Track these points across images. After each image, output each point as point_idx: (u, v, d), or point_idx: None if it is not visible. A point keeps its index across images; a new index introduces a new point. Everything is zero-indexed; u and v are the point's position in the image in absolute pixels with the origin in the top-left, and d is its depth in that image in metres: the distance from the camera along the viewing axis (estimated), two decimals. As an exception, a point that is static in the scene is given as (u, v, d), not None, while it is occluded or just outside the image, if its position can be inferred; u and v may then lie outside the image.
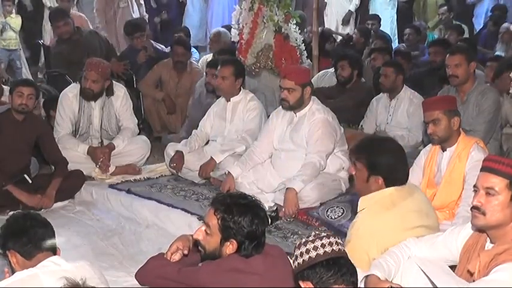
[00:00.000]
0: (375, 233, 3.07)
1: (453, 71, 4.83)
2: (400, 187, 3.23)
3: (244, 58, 6.12)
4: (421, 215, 3.22)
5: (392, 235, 3.07)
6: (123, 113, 5.63)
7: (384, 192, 3.19)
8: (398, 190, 3.22)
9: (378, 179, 3.19)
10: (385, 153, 3.23)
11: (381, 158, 3.20)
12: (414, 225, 3.16)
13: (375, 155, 3.22)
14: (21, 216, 2.90)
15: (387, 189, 3.19)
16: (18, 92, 4.88)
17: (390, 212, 3.13)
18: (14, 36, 8.91)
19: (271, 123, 4.86)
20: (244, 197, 2.90)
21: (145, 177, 5.47)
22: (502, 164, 2.64)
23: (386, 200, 3.16)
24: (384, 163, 3.19)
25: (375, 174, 3.19)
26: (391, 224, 3.11)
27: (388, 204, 3.16)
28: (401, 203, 3.18)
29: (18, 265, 2.74)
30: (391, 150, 3.28)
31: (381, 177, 3.18)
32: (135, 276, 3.09)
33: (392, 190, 3.19)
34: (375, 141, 3.45)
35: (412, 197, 3.23)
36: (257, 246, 2.80)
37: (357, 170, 3.27)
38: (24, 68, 9.21)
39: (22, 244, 2.76)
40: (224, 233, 2.79)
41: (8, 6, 8.79)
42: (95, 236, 4.58)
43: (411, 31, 8.89)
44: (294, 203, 4.42)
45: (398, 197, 3.19)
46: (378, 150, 3.25)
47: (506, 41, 8.74)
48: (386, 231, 3.08)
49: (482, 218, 2.64)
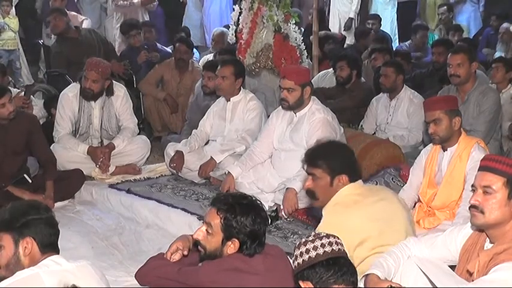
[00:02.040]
0: (340, 232, 2.97)
1: (455, 70, 4.84)
2: (358, 185, 3.27)
3: (243, 58, 6.12)
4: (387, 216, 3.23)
5: (358, 230, 3.09)
6: (123, 113, 5.63)
7: (342, 192, 3.21)
8: (357, 188, 3.25)
9: (342, 177, 3.22)
10: (337, 151, 3.33)
11: (337, 156, 3.28)
12: (382, 216, 3.17)
13: (331, 156, 3.27)
14: (45, 207, 2.75)
15: (344, 189, 3.21)
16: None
17: (352, 208, 3.17)
18: (13, 36, 8.90)
19: (271, 123, 4.86)
20: (245, 196, 2.92)
21: (145, 177, 5.47)
22: (499, 162, 2.65)
23: (347, 199, 3.19)
24: (342, 160, 3.26)
25: (338, 173, 3.22)
26: (355, 218, 3.13)
27: (350, 203, 3.18)
28: (363, 200, 3.20)
29: (26, 256, 2.61)
30: (340, 147, 3.41)
31: (344, 174, 3.22)
32: (135, 276, 3.09)
33: (350, 189, 3.22)
34: (324, 146, 3.44)
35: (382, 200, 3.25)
36: (259, 246, 2.81)
37: (317, 180, 3.25)
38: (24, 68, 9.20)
39: (48, 234, 2.65)
40: (226, 232, 2.80)
41: (7, 7, 8.78)
42: (95, 235, 4.58)
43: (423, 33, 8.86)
44: (293, 202, 4.41)
45: (360, 195, 3.22)
46: (331, 151, 3.32)
47: (506, 41, 8.74)
48: (351, 227, 3.09)
49: (481, 217, 2.65)
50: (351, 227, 3.08)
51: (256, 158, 4.86)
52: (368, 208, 3.18)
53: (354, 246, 3.07)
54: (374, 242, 3.09)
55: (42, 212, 2.68)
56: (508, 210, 2.63)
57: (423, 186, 4.03)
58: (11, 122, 4.87)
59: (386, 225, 3.17)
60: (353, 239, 3.06)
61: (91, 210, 5.06)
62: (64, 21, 6.92)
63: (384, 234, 3.11)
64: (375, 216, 3.17)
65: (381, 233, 3.12)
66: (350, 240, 3.00)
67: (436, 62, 6.75)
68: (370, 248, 3.09)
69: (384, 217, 3.18)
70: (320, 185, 3.25)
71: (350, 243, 3.00)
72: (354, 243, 3.07)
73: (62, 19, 6.91)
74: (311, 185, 3.28)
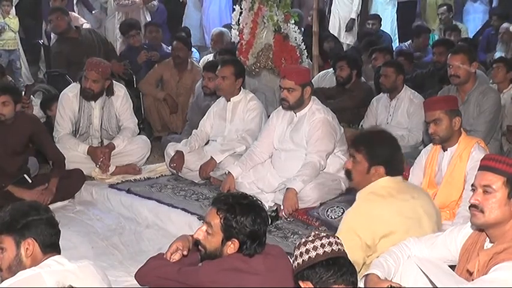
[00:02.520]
0: (369, 219, 3.11)
1: (455, 70, 4.83)
2: (397, 180, 3.28)
3: (245, 59, 6.11)
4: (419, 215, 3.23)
5: (387, 222, 3.11)
6: (123, 113, 5.63)
7: (379, 182, 3.24)
8: (395, 183, 3.26)
9: (379, 168, 3.24)
10: (383, 143, 3.32)
11: (380, 147, 3.28)
12: (412, 215, 3.18)
13: (375, 145, 3.29)
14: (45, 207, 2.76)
15: (382, 179, 3.24)
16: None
17: (386, 200, 3.18)
18: (13, 36, 8.90)
19: (272, 123, 4.86)
20: (246, 196, 2.92)
21: (145, 177, 5.47)
22: (499, 162, 2.66)
23: (382, 191, 3.21)
24: (383, 152, 3.26)
25: (376, 164, 3.24)
26: (386, 210, 3.15)
27: (385, 194, 3.20)
28: (398, 195, 3.21)
29: (28, 257, 2.60)
30: (389, 140, 3.38)
31: (382, 167, 3.23)
32: (134, 276, 3.09)
33: (388, 181, 3.24)
34: (373, 133, 3.52)
35: (413, 199, 3.25)
36: (259, 246, 2.81)
37: (355, 163, 3.30)
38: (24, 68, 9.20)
39: (49, 235, 2.65)
40: (226, 232, 2.80)
41: (7, 7, 8.78)
42: (95, 235, 4.58)
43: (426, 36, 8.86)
44: (293, 202, 4.41)
45: (395, 189, 3.23)
46: (377, 141, 3.33)
47: (506, 41, 8.74)
48: (381, 217, 3.12)
49: (481, 216, 2.65)
50: (380, 217, 3.12)
51: (257, 158, 4.86)
52: (400, 204, 3.19)
53: (380, 236, 3.10)
54: (399, 237, 3.08)
55: (42, 213, 2.68)
56: (508, 209, 2.63)
57: (423, 186, 4.02)
58: (12, 122, 4.88)
59: (415, 224, 3.18)
60: (381, 229, 3.10)
61: (91, 210, 5.06)
62: (66, 21, 6.94)
63: (410, 232, 3.10)
64: (406, 213, 3.18)
65: (408, 230, 3.12)
66: (378, 229, 3.08)
67: (436, 62, 6.75)
68: (394, 242, 3.06)
69: (414, 216, 3.20)
70: (357, 169, 3.29)
71: (377, 232, 3.08)
72: (381, 233, 3.10)
73: (63, 19, 6.93)
74: (350, 166, 3.33)
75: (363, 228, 3.10)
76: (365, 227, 3.10)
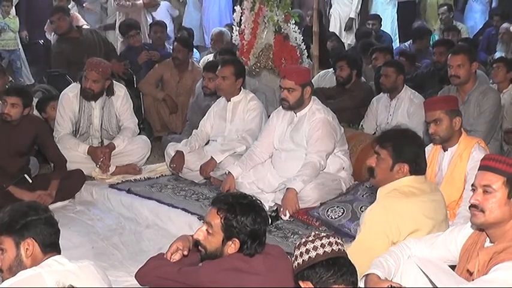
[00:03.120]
0: (396, 215, 3.09)
1: (455, 71, 4.84)
2: (421, 179, 3.28)
3: (247, 59, 6.11)
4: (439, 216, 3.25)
5: (412, 220, 3.11)
6: (124, 113, 5.63)
7: (403, 181, 3.23)
8: (419, 183, 3.26)
9: (403, 166, 3.23)
10: (409, 141, 3.31)
11: (406, 145, 3.27)
12: (434, 216, 3.19)
13: (401, 143, 3.28)
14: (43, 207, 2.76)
15: (406, 178, 3.23)
16: (3, 99, 4.83)
17: (410, 199, 3.18)
18: (13, 36, 8.91)
19: (272, 123, 4.86)
20: (245, 196, 2.92)
21: (145, 177, 5.47)
22: (499, 162, 2.66)
23: (405, 189, 3.21)
24: (409, 150, 3.25)
25: (401, 161, 3.23)
26: (410, 209, 3.15)
27: (408, 193, 3.20)
28: (421, 195, 3.21)
29: (28, 258, 2.60)
30: (415, 139, 3.37)
31: (407, 164, 3.23)
32: (135, 276, 3.09)
33: (411, 181, 3.23)
34: (398, 131, 3.48)
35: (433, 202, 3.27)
36: (259, 245, 2.81)
37: (380, 160, 3.29)
38: (24, 68, 9.20)
39: (49, 234, 2.65)
40: (227, 232, 2.80)
41: (7, 7, 8.79)
42: (95, 235, 4.58)
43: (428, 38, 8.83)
44: (293, 202, 4.42)
45: (418, 189, 3.23)
46: (403, 138, 3.31)
47: (506, 41, 8.74)
48: (406, 215, 3.12)
49: (481, 216, 2.66)
50: (406, 214, 3.12)
51: (257, 158, 4.86)
52: (422, 205, 3.19)
53: (407, 233, 3.09)
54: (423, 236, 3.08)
55: (41, 213, 2.68)
56: (508, 209, 2.63)
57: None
58: (19, 122, 4.89)
59: (435, 226, 3.19)
60: (408, 225, 3.09)
61: (91, 210, 5.06)
62: (67, 21, 6.94)
63: (432, 233, 3.11)
64: (428, 214, 3.19)
65: (430, 231, 3.13)
66: (405, 226, 3.07)
67: (437, 62, 6.75)
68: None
69: (435, 217, 3.22)
70: (381, 166, 3.28)
71: (405, 228, 3.07)
72: (408, 230, 3.09)
73: (65, 19, 6.93)
74: (374, 163, 3.32)
75: (390, 226, 3.09)
76: (392, 225, 3.10)
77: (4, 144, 4.89)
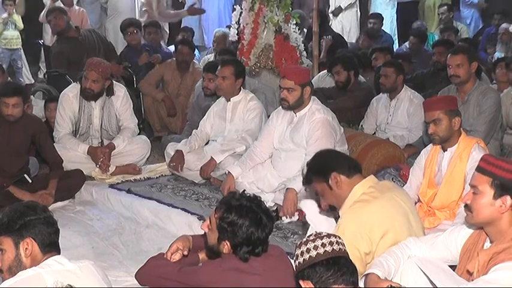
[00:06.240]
0: (361, 226, 3.03)
1: (455, 71, 4.84)
2: (372, 180, 3.23)
3: (247, 59, 6.11)
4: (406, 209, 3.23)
5: (380, 224, 3.06)
6: (123, 113, 5.63)
7: (356, 191, 3.15)
8: (372, 183, 3.21)
9: (333, 176, 3.16)
10: (317, 158, 3.34)
11: (318, 162, 3.28)
12: (398, 211, 3.15)
13: (314, 165, 3.28)
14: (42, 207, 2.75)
15: (357, 187, 3.15)
16: (4, 102, 4.82)
17: (373, 203, 3.12)
18: (16, 35, 8.91)
19: (272, 123, 4.86)
20: (252, 200, 2.84)
21: (145, 177, 5.48)
22: (488, 163, 2.68)
23: (365, 197, 3.14)
24: (324, 162, 3.26)
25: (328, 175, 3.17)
26: (376, 213, 3.09)
27: (369, 199, 3.13)
28: (382, 195, 3.16)
29: (28, 258, 2.60)
30: (320, 152, 3.43)
31: (335, 172, 3.16)
32: (135, 276, 3.09)
33: (364, 186, 3.16)
34: (309, 161, 3.41)
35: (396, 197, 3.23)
36: (252, 252, 2.77)
37: (320, 192, 3.23)
38: (24, 68, 9.21)
39: (48, 234, 2.64)
40: (220, 232, 2.81)
41: (9, 6, 8.79)
42: (95, 235, 4.58)
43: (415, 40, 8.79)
44: (293, 202, 4.41)
45: (376, 190, 3.18)
46: (312, 162, 3.32)
47: (505, 41, 8.73)
48: (373, 221, 3.07)
49: (471, 216, 2.70)
50: (372, 221, 3.06)
51: (257, 158, 4.86)
52: (386, 203, 3.15)
53: (377, 240, 3.05)
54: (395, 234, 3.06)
55: (40, 212, 2.68)
56: (496, 209, 2.63)
57: (423, 187, 4.03)
58: (17, 121, 4.89)
59: (404, 219, 3.15)
60: (376, 232, 3.05)
61: (91, 210, 5.06)
62: (64, 19, 6.93)
63: (402, 227, 3.10)
64: (393, 210, 3.14)
65: (400, 226, 3.11)
66: (374, 234, 3.03)
67: (437, 62, 6.74)
68: (391, 240, 3.05)
69: (401, 211, 3.17)
70: (325, 195, 3.23)
71: (374, 236, 3.03)
72: (378, 236, 3.05)
73: (62, 18, 6.92)
74: (321, 198, 3.27)
75: (358, 238, 3.02)
76: (360, 237, 3.03)
77: (3, 144, 4.89)
